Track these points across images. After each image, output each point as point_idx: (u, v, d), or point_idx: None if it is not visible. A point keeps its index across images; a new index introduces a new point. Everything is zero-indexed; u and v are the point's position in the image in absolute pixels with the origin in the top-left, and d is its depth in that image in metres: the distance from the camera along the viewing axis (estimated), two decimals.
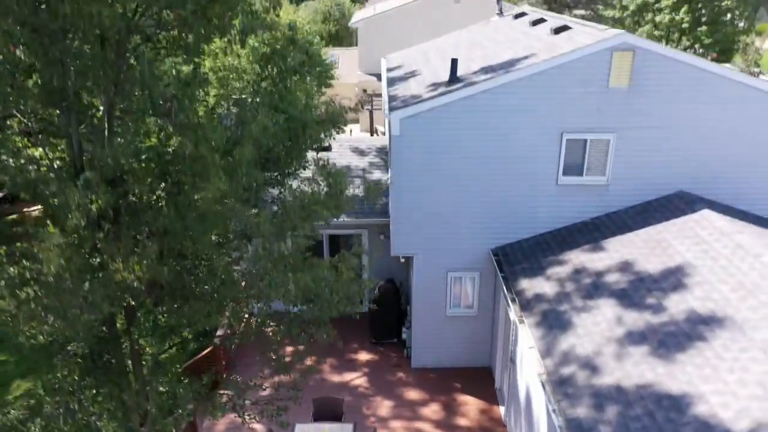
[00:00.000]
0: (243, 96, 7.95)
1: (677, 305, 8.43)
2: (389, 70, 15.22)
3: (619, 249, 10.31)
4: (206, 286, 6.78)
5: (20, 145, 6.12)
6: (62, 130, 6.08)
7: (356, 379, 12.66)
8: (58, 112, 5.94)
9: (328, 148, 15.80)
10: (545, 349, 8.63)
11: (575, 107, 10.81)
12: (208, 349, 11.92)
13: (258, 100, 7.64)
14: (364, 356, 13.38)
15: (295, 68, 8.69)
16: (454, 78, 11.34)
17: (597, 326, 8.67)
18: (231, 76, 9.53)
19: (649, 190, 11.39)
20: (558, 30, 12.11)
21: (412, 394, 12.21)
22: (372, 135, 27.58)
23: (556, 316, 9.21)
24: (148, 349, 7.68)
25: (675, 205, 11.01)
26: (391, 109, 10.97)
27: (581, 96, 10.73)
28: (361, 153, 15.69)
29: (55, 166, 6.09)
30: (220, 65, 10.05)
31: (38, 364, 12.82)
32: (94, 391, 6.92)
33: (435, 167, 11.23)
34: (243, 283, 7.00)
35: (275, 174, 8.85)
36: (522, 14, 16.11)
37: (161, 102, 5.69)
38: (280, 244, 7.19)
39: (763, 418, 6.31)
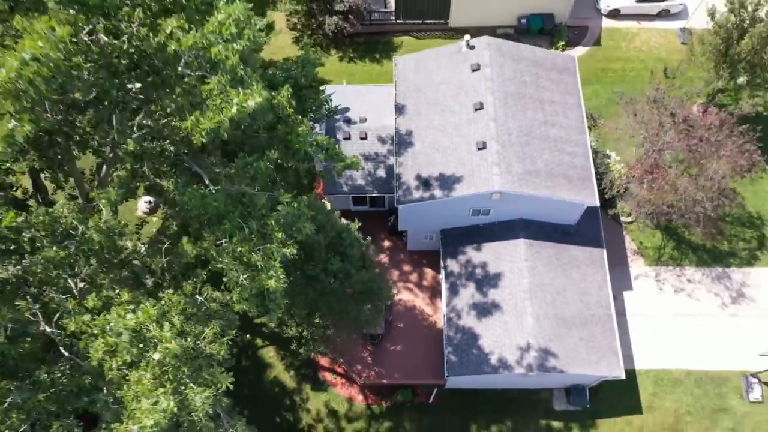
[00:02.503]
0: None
1: (491, 295, 26.02)
2: (398, 111, 27.62)
3: (486, 254, 26.94)
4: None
5: None
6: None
7: (383, 258, 30.51)
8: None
9: (365, 137, 29.41)
10: (448, 303, 26.64)
11: (475, 202, 25.65)
12: None
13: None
14: (386, 243, 30.92)
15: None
16: (426, 185, 25.53)
17: (465, 296, 26.42)
18: None
19: (510, 217, 27.07)
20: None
21: (407, 268, 30.38)
22: None
23: (455, 288, 26.77)
24: None
25: (516, 227, 26.92)
26: (398, 202, 25.74)
27: (478, 201, 25.47)
28: (383, 141, 29.26)
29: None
30: None
31: None
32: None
33: (418, 216, 26.72)
34: None
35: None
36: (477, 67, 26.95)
37: None
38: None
39: (497, 357, 25.06)
